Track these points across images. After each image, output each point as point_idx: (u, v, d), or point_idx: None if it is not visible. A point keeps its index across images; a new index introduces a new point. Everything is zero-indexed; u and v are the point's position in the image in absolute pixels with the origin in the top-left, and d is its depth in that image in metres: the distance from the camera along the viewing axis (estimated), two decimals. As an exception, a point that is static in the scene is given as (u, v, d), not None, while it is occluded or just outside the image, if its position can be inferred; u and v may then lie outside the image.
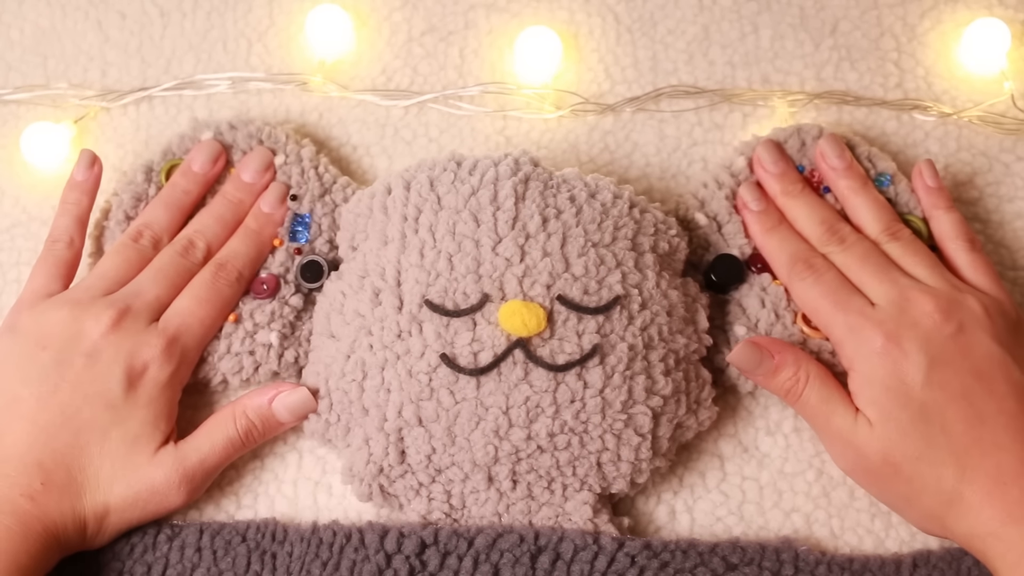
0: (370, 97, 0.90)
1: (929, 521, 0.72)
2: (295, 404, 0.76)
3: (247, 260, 0.80)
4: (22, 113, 0.91)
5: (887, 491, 0.73)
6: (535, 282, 0.73)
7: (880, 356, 0.72)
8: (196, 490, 0.75)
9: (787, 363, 0.75)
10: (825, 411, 0.73)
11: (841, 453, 0.74)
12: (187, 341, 0.77)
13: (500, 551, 0.72)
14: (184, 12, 0.93)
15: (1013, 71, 0.89)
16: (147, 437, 0.74)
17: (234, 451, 0.76)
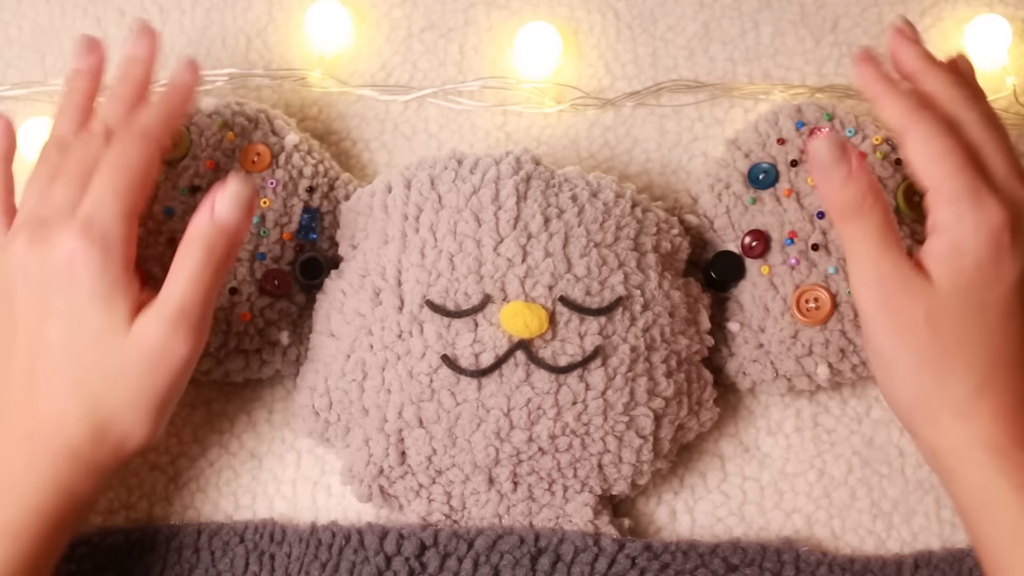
0: (369, 92, 0.89)
1: (919, 406, 0.69)
2: (232, 196, 0.70)
3: (152, 119, 0.74)
4: (19, 109, 0.90)
5: (902, 346, 0.69)
6: (537, 283, 0.73)
7: (989, 233, 0.67)
8: (196, 329, 0.70)
9: (863, 181, 0.69)
10: (877, 243, 0.69)
11: (871, 288, 0.69)
12: (103, 218, 0.69)
13: (500, 553, 0.72)
14: (183, 8, 0.92)
15: (1014, 67, 0.89)
16: (109, 319, 0.69)
17: (209, 275, 0.70)
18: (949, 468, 0.69)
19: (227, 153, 0.80)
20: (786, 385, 0.78)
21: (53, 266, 0.69)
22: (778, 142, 0.80)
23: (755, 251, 0.78)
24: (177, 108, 0.76)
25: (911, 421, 0.70)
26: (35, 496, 0.68)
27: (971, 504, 0.68)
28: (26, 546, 0.67)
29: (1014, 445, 0.67)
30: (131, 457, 0.72)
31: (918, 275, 0.68)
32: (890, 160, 0.78)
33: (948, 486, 0.70)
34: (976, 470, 0.67)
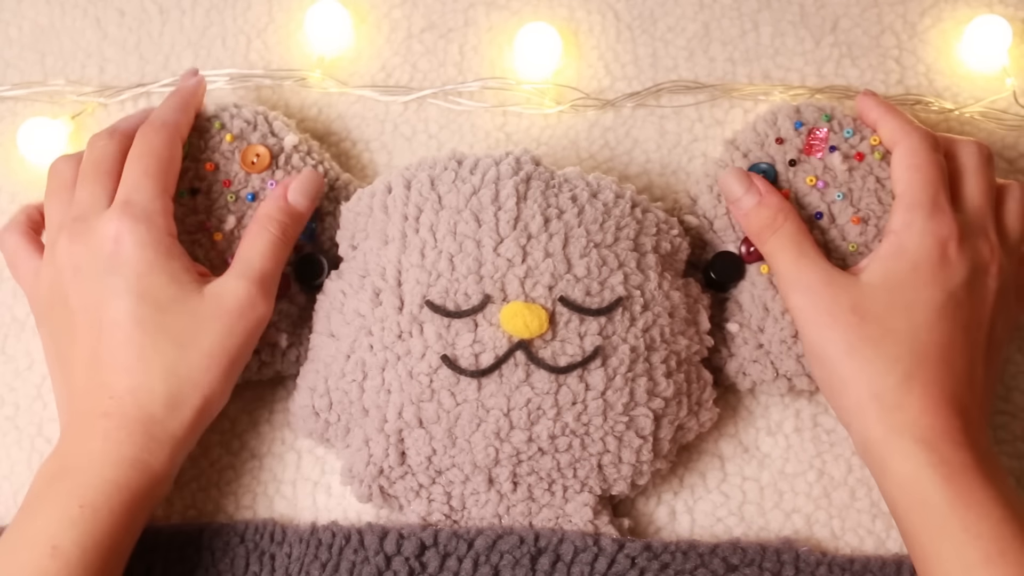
0: (369, 93, 0.89)
1: (850, 394, 0.71)
2: (305, 186, 0.78)
3: (166, 110, 0.79)
4: (19, 109, 0.90)
5: (829, 335, 0.72)
6: (537, 283, 0.73)
7: (934, 241, 0.72)
8: (271, 294, 0.75)
9: (772, 202, 0.76)
10: (794, 251, 0.74)
11: (796, 290, 0.73)
12: (140, 196, 0.74)
13: (500, 553, 0.72)
14: (183, 9, 0.92)
15: (1015, 68, 0.89)
16: (175, 286, 0.72)
17: (281, 250, 0.76)
18: (879, 458, 0.70)
19: (225, 155, 0.80)
20: (786, 385, 0.78)
21: (101, 251, 0.73)
22: (776, 142, 0.80)
23: (755, 255, 0.78)
24: (189, 100, 0.80)
25: (844, 411, 0.72)
26: (112, 471, 0.69)
27: (900, 495, 0.69)
28: (106, 522, 0.67)
29: (942, 438, 0.68)
30: (206, 423, 0.73)
31: (841, 272, 0.73)
32: (888, 160, 0.78)
33: (878, 478, 0.71)
34: (905, 461, 0.68)
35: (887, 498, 0.70)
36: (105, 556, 0.67)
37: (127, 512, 0.68)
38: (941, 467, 0.67)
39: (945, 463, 0.67)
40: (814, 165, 0.79)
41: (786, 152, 0.79)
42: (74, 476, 0.69)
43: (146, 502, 0.70)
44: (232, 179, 0.80)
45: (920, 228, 0.72)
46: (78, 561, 0.66)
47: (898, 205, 0.74)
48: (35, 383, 0.82)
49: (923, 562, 0.68)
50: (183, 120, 0.79)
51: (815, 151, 0.79)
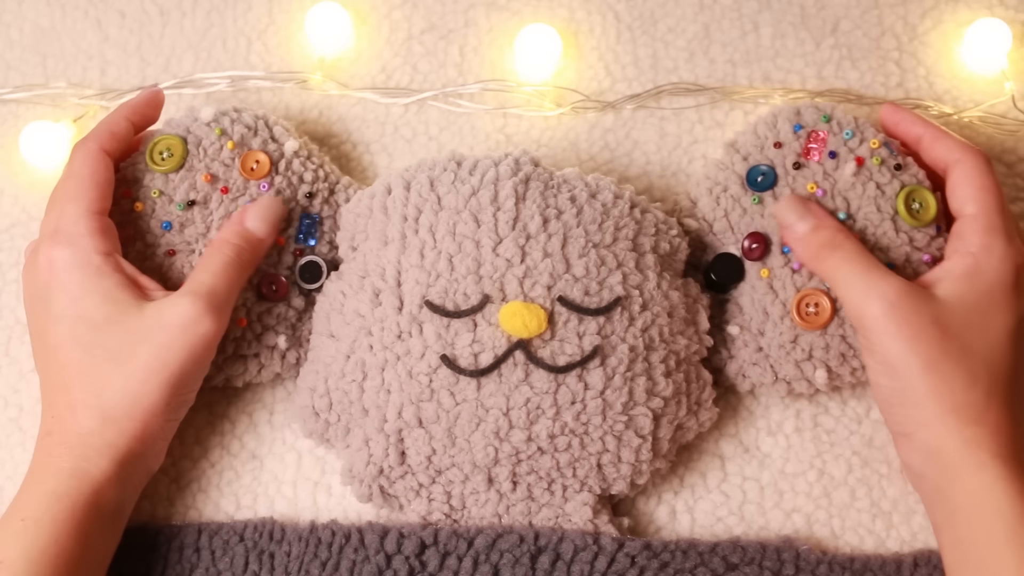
0: (370, 95, 0.89)
1: (927, 406, 0.70)
2: (264, 212, 0.78)
3: (103, 122, 0.81)
4: (21, 112, 0.91)
5: (911, 348, 0.70)
6: (536, 283, 0.73)
7: (1011, 267, 0.73)
8: (219, 312, 0.74)
9: (831, 222, 0.76)
10: (865, 264, 0.73)
11: (873, 300, 0.71)
12: (65, 222, 0.75)
13: (500, 551, 0.72)
14: (183, 11, 0.92)
15: (1014, 71, 0.89)
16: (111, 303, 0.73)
17: (234, 271, 0.76)
18: (950, 467, 0.69)
19: (225, 163, 0.80)
20: (785, 388, 0.78)
21: (39, 280, 0.75)
22: (775, 145, 0.80)
23: (755, 254, 0.78)
24: (132, 108, 0.82)
25: (911, 420, 0.71)
26: (51, 482, 0.70)
27: (966, 504, 0.68)
28: (49, 531, 0.68)
29: (1013, 458, 0.69)
30: (153, 432, 0.73)
31: (918, 287, 0.72)
32: (888, 166, 0.78)
33: (942, 485, 0.70)
34: (979, 472, 0.68)
35: (946, 505, 0.70)
36: (55, 563, 0.68)
37: (71, 520, 0.69)
38: (1015, 482, 0.68)
39: (1019, 478, 0.68)
40: (813, 170, 0.79)
41: (785, 155, 0.79)
42: (20, 493, 0.71)
43: (92, 509, 0.70)
44: (230, 187, 0.80)
45: (1000, 254, 0.73)
46: (24, 571, 0.67)
47: (974, 226, 0.74)
48: (39, 385, 0.82)
49: (980, 569, 0.67)
50: (116, 129, 0.80)
51: (813, 154, 0.79)
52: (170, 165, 0.79)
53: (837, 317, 0.76)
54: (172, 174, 0.79)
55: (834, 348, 0.76)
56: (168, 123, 0.81)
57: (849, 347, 0.76)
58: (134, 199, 0.79)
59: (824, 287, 0.76)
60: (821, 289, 0.76)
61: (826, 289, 0.76)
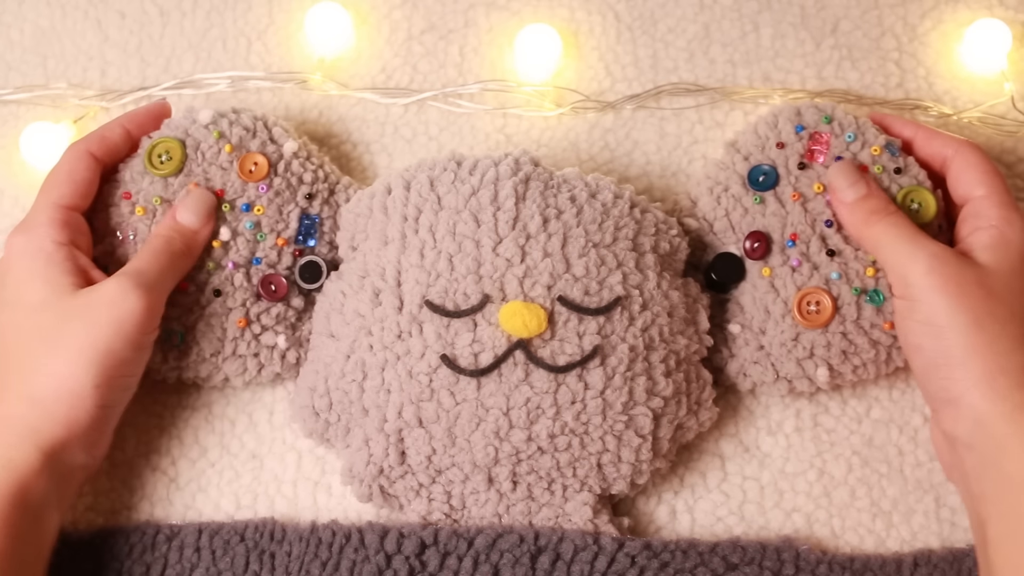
0: (370, 95, 0.89)
1: (974, 366, 0.70)
2: (193, 203, 0.78)
3: (101, 127, 0.81)
4: (22, 113, 0.91)
5: (958, 305, 0.71)
6: (536, 283, 0.73)
7: None
8: (148, 292, 0.74)
9: (881, 195, 0.77)
10: (913, 230, 0.74)
11: (919, 260, 0.72)
12: (32, 213, 0.77)
13: (500, 551, 0.72)
14: (183, 11, 0.92)
15: (1013, 72, 0.89)
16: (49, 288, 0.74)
17: (165, 258, 0.76)
18: (1002, 435, 0.68)
19: (223, 166, 0.80)
20: (787, 387, 0.78)
21: (3, 265, 0.76)
22: (777, 146, 0.80)
23: (756, 253, 0.78)
24: (132, 118, 0.82)
25: (958, 382, 0.70)
26: None
27: (1019, 471, 0.67)
28: None
29: None
30: (80, 417, 0.72)
31: (961, 252, 0.73)
32: (888, 171, 0.78)
33: (992, 455, 0.69)
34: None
35: (998, 474, 0.68)
36: None
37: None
38: None
39: None
40: (817, 171, 0.79)
41: (787, 155, 0.79)
42: None
43: (18, 500, 0.69)
44: (227, 189, 0.80)
45: (1021, 225, 0.74)
46: None
47: (988, 203, 0.75)
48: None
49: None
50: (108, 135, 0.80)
51: (817, 156, 0.79)
52: (169, 169, 0.79)
53: (838, 315, 0.76)
54: (171, 178, 0.79)
55: (835, 346, 0.76)
56: (167, 125, 0.81)
57: (851, 344, 0.76)
58: (134, 203, 0.79)
59: (824, 285, 0.76)
60: (822, 287, 0.76)
61: (827, 287, 0.76)
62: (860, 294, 0.76)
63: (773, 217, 0.79)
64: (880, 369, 0.77)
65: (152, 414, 0.81)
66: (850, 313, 0.76)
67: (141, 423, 0.80)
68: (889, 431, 0.80)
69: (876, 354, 0.76)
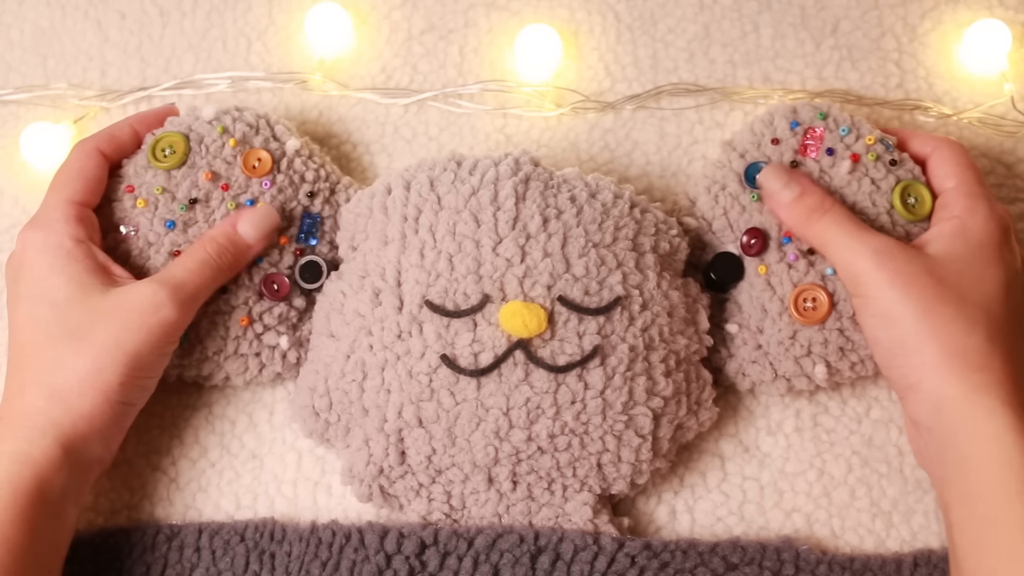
0: (370, 95, 0.89)
1: (929, 352, 0.70)
2: (257, 219, 0.78)
3: (100, 133, 0.81)
4: (22, 113, 0.91)
5: (906, 295, 0.71)
6: (536, 283, 0.73)
7: (996, 225, 0.74)
8: (184, 305, 0.74)
9: (816, 191, 0.77)
10: (854, 225, 0.75)
11: (863, 256, 0.73)
12: (43, 210, 0.78)
13: (500, 551, 0.72)
14: (183, 11, 0.92)
15: (1013, 73, 0.89)
16: (73, 284, 0.74)
17: (211, 272, 0.76)
18: (958, 417, 0.69)
19: (227, 160, 0.80)
20: (785, 386, 0.78)
21: (15, 261, 0.77)
22: (772, 142, 0.80)
23: (753, 249, 0.78)
24: (139, 118, 0.82)
25: (915, 368, 0.71)
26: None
27: (976, 453, 0.68)
28: None
29: (1022, 406, 0.69)
30: (103, 415, 0.72)
31: (908, 244, 0.74)
32: (884, 162, 0.78)
33: (950, 438, 0.69)
34: (989, 420, 0.68)
35: (956, 457, 0.69)
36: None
37: (14, 507, 0.67)
38: (1023, 432, 0.67)
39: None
40: (810, 167, 0.79)
41: (782, 152, 0.79)
42: None
43: (36, 495, 0.69)
44: (231, 184, 0.80)
45: (984, 214, 0.74)
46: None
47: (956, 194, 0.76)
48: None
49: (989, 523, 0.66)
50: (118, 134, 0.81)
51: (810, 151, 0.79)
52: (172, 162, 0.79)
53: (835, 311, 0.76)
54: (174, 171, 0.79)
55: (832, 343, 0.76)
56: (170, 121, 0.81)
57: (848, 341, 0.76)
58: (136, 196, 0.79)
59: (820, 281, 0.76)
60: (818, 284, 0.76)
61: (823, 284, 0.76)
62: None
63: (769, 214, 0.79)
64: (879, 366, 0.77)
65: (152, 414, 0.81)
66: (846, 309, 0.76)
67: (141, 423, 0.80)
68: (889, 431, 0.80)
69: (874, 350, 0.76)
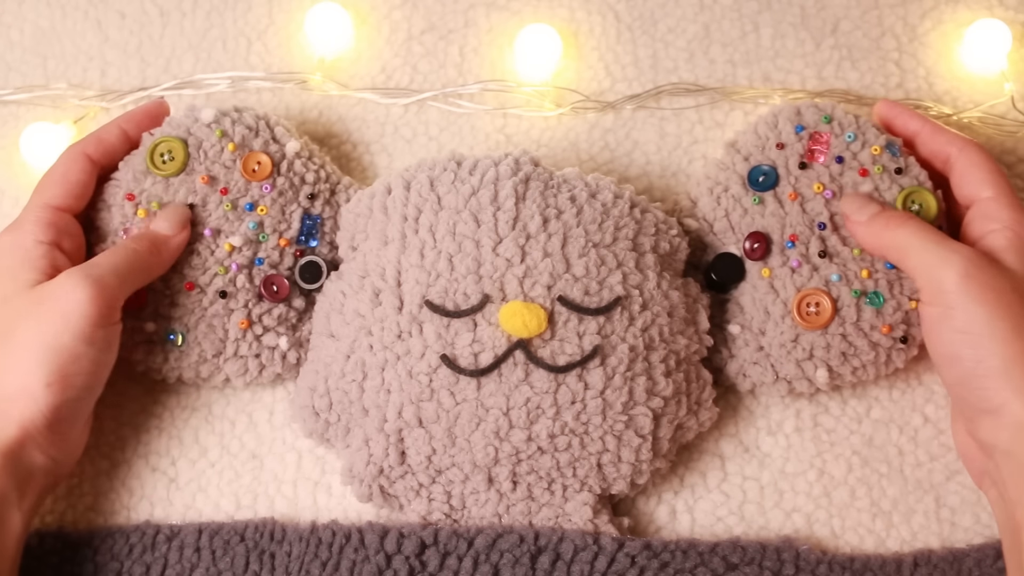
0: (370, 95, 0.89)
1: (1015, 372, 0.68)
2: (168, 213, 0.78)
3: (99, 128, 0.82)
4: (22, 113, 0.91)
5: (996, 312, 0.69)
6: (536, 283, 0.73)
7: None
8: (101, 289, 0.72)
9: (892, 208, 0.76)
10: (937, 233, 0.73)
11: (951, 264, 0.71)
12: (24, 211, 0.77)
13: (500, 551, 0.72)
14: (183, 11, 0.92)
15: (1013, 72, 0.89)
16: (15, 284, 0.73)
17: (129, 261, 0.75)
18: None
19: (226, 165, 0.80)
20: (786, 388, 0.78)
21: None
22: (777, 146, 0.80)
23: (756, 253, 0.78)
24: (130, 118, 0.82)
25: (999, 391, 0.69)
26: None
27: None
28: None
29: None
30: (32, 424, 0.70)
31: (991, 256, 0.72)
32: (889, 171, 0.78)
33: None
34: None
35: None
36: None
37: None
38: None
39: None
40: (818, 171, 0.79)
41: (787, 156, 0.79)
42: None
43: None
44: (230, 188, 0.79)
45: None
46: None
47: (998, 205, 0.75)
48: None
49: None
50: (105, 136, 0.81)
51: (818, 156, 0.79)
52: (172, 169, 0.79)
53: (838, 316, 0.76)
54: (174, 178, 0.79)
55: (835, 347, 0.76)
56: (168, 123, 0.81)
57: (850, 346, 0.76)
58: (137, 203, 0.79)
59: (824, 286, 0.76)
60: (822, 289, 0.76)
61: (827, 289, 0.76)
62: (860, 296, 0.76)
63: (772, 218, 0.79)
64: (880, 371, 0.77)
65: (152, 414, 0.81)
66: (850, 315, 0.76)
67: (141, 423, 0.80)
68: (889, 431, 0.80)
69: (876, 356, 0.76)
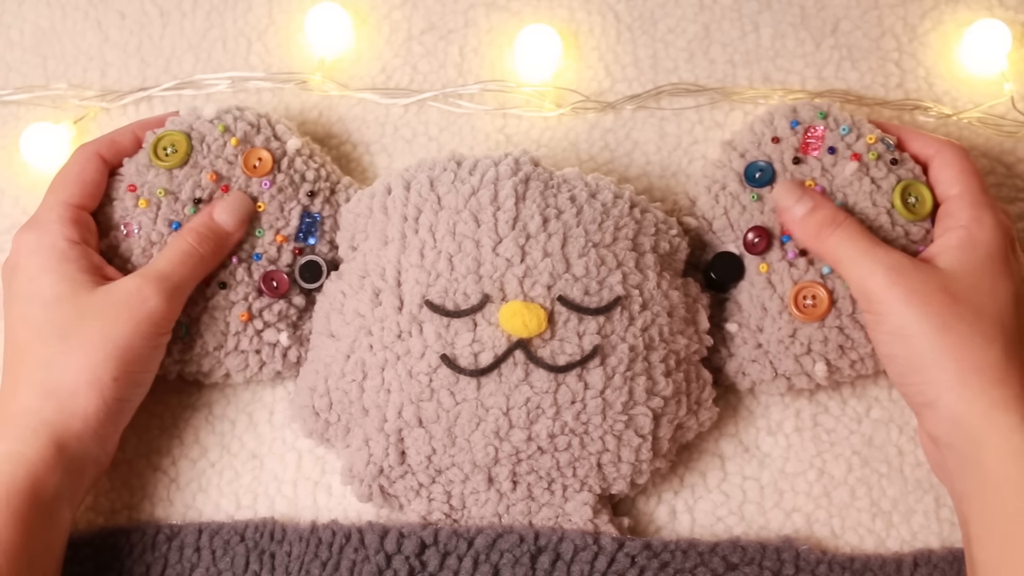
0: (370, 95, 0.89)
1: (946, 369, 0.70)
2: (232, 206, 0.79)
3: (101, 138, 0.82)
4: (22, 114, 0.91)
5: (923, 312, 0.71)
6: (536, 282, 0.73)
7: (1003, 234, 0.74)
8: (170, 294, 0.75)
9: (829, 205, 0.77)
10: (867, 240, 0.75)
11: (877, 273, 0.72)
12: (40, 211, 0.78)
13: (500, 551, 0.72)
14: (183, 12, 0.92)
15: (1013, 72, 0.89)
16: (64, 283, 0.74)
17: (193, 262, 0.77)
18: (978, 433, 0.68)
19: (229, 160, 0.80)
20: (785, 384, 0.78)
21: (10, 263, 0.77)
22: (773, 141, 0.80)
23: (758, 247, 0.78)
24: (148, 126, 0.82)
25: (932, 385, 0.70)
26: None
27: (997, 468, 0.67)
28: None
29: None
30: (96, 412, 0.72)
31: (921, 260, 0.73)
32: (885, 160, 0.78)
33: (971, 452, 0.69)
34: (1010, 435, 0.67)
35: (977, 472, 0.68)
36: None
37: (7, 508, 0.67)
38: None
39: None
40: (812, 165, 0.79)
41: (783, 151, 0.79)
42: None
43: (30, 496, 0.69)
44: (231, 183, 0.80)
45: (991, 224, 0.74)
46: None
47: (961, 203, 0.75)
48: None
49: (1009, 538, 0.66)
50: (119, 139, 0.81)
51: (812, 149, 0.79)
52: (174, 161, 0.79)
53: (835, 308, 0.76)
54: (176, 170, 0.79)
55: (832, 340, 0.76)
56: (171, 120, 0.82)
57: (847, 339, 0.77)
58: (138, 195, 0.79)
59: (820, 279, 0.76)
60: (818, 281, 0.76)
61: (823, 281, 0.76)
62: None
63: (770, 213, 0.79)
64: (878, 364, 0.77)
65: (152, 414, 0.81)
66: (846, 307, 0.76)
67: (141, 423, 0.80)
68: (889, 431, 0.80)
69: (872, 349, 0.76)
